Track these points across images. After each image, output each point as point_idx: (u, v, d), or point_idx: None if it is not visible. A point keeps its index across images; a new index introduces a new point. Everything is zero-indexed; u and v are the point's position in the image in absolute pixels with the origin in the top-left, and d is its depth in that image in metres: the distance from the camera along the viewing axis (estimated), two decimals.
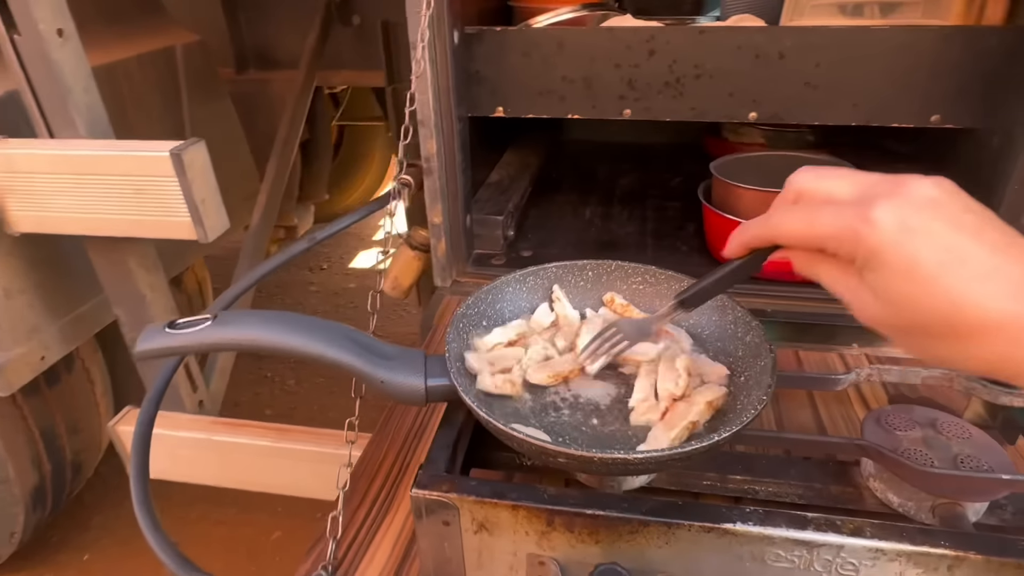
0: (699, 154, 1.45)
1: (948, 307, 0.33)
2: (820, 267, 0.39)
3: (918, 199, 0.34)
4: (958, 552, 0.41)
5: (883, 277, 0.35)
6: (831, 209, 0.37)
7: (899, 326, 0.36)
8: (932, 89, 0.86)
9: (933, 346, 0.35)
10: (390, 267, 1.14)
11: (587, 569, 0.47)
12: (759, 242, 0.42)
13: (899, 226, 0.34)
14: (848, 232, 0.35)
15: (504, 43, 0.94)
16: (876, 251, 0.34)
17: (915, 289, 0.34)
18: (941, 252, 0.33)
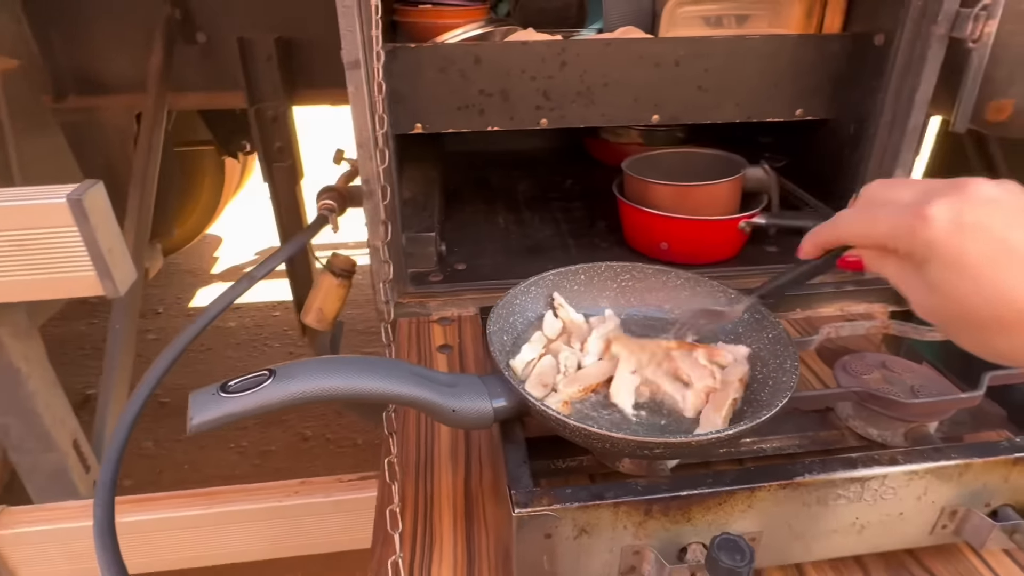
0: (579, 156, 1.55)
1: (996, 299, 0.35)
2: (886, 264, 0.41)
3: (976, 197, 0.36)
4: (965, 460, 0.51)
5: (936, 270, 0.37)
6: (890, 208, 0.40)
7: (952, 319, 0.38)
8: (795, 88, 1.02)
9: (985, 339, 0.37)
10: (310, 298, 1.07)
11: (677, 548, 0.50)
12: (829, 243, 0.45)
13: (953, 222, 0.36)
14: (904, 228, 0.38)
15: (420, 60, 0.93)
16: (930, 245, 0.36)
17: (966, 283, 0.35)
18: (992, 246, 0.35)
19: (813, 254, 0.47)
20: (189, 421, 0.41)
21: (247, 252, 3.38)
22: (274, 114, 1.49)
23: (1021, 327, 0.35)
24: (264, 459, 2.12)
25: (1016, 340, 0.35)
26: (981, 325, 0.36)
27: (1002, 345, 0.36)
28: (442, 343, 0.89)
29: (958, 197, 0.36)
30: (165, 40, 1.42)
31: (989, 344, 0.37)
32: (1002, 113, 0.99)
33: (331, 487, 1.05)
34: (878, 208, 0.41)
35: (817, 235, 0.46)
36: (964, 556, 0.58)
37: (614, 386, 0.59)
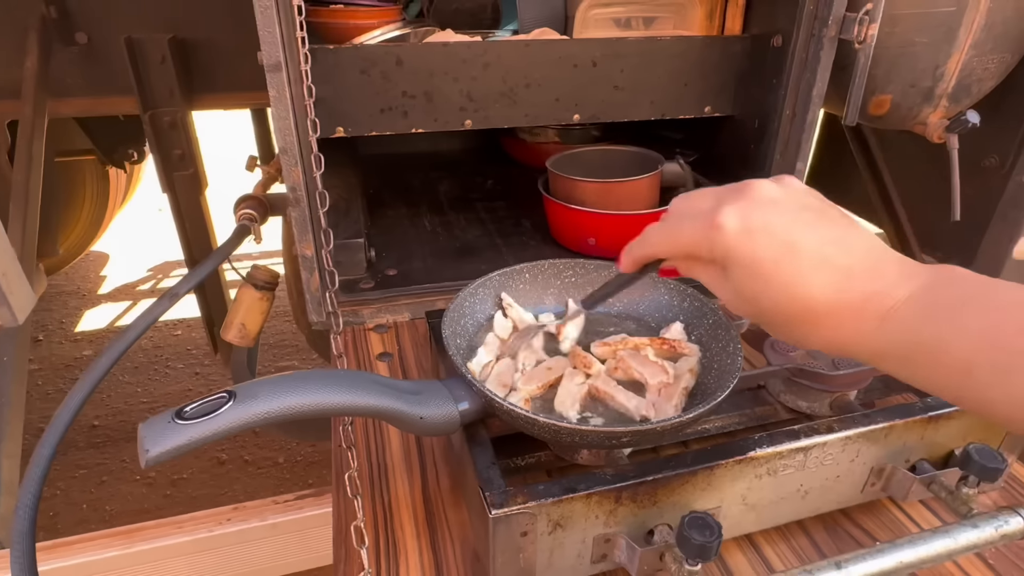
0: (496, 156, 1.56)
1: (784, 298, 0.37)
2: (697, 270, 0.44)
3: (759, 199, 0.39)
4: (889, 423, 0.56)
5: (735, 274, 0.39)
6: (688, 221, 0.42)
7: (756, 316, 0.41)
8: (703, 86, 1.08)
9: (780, 331, 0.40)
10: (231, 313, 1.02)
11: (645, 531, 0.52)
12: (644, 258, 0.47)
13: (741, 227, 0.38)
14: (702, 239, 0.40)
15: (340, 61, 0.91)
16: (726, 252, 0.39)
17: (758, 283, 0.38)
18: (777, 247, 0.37)
19: (632, 268, 0.48)
20: (144, 454, 0.38)
21: (137, 269, 3.14)
22: (172, 120, 1.40)
23: (807, 322, 0.37)
24: (176, 488, 1.99)
25: (816, 332, 0.38)
26: (779, 321, 0.39)
27: (800, 337, 0.39)
28: (381, 351, 0.87)
29: (743, 202, 0.39)
30: (41, 41, 1.29)
31: (796, 336, 0.40)
32: (882, 108, 1.09)
33: (266, 510, 1.00)
34: (681, 221, 0.43)
35: (631, 252, 0.47)
36: (888, 509, 0.64)
37: (559, 397, 0.60)
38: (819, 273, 0.37)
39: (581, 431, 0.49)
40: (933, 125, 1.08)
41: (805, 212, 0.38)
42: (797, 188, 0.40)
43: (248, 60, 1.33)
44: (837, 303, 0.36)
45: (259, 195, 1.00)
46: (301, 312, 1.31)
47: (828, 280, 0.37)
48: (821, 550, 0.60)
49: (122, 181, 2.69)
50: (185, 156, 1.42)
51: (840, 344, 0.38)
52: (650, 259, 0.47)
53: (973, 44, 1.00)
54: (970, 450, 0.55)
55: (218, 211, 1.52)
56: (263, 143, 1.93)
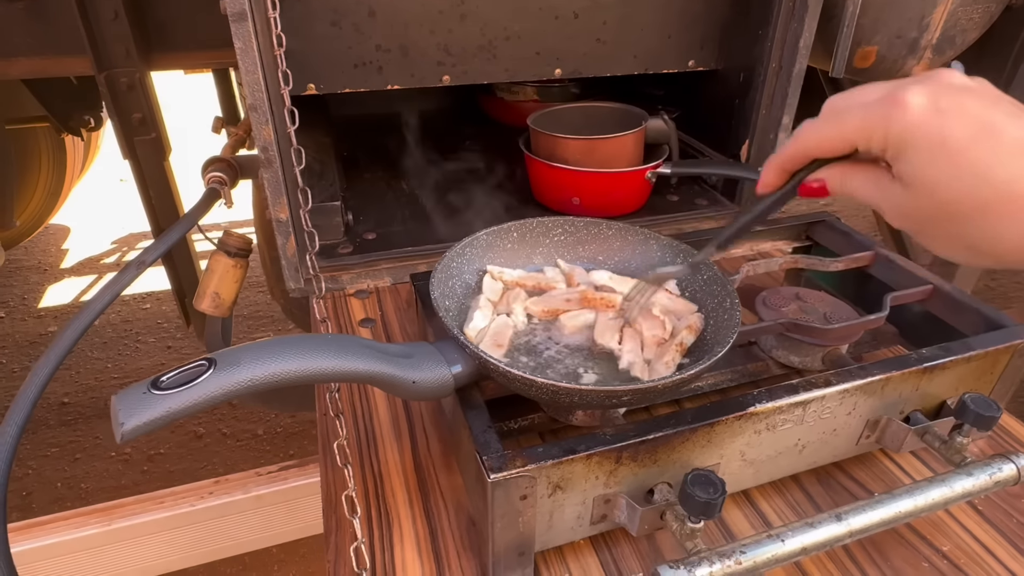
0: (473, 115, 1.51)
1: (979, 181, 0.33)
2: (854, 177, 0.39)
3: (951, 84, 0.35)
4: (886, 375, 0.56)
5: (914, 159, 0.35)
6: (856, 109, 0.37)
7: (931, 213, 0.36)
8: (687, 39, 1.04)
9: (964, 231, 0.35)
10: (204, 282, 0.98)
11: (645, 490, 0.51)
12: (793, 160, 0.42)
13: (930, 106, 0.34)
14: (878, 118, 0.36)
15: (309, 12, 0.86)
16: (907, 131, 0.34)
17: (947, 166, 0.33)
18: (973, 126, 0.33)
19: (776, 182, 0.43)
20: (119, 427, 0.35)
21: (101, 241, 3.04)
22: (129, 81, 1.32)
23: (1003, 212, 0.33)
24: (153, 464, 1.95)
25: (998, 228, 0.34)
26: (963, 214, 0.34)
27: (983, 236, 0.34)
28: (363, 317, 0.84)
29: (933, 85, 0.35)
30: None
31: (966, 236, 0.35)
32: (867, 60, 1.08)
33: (249, 482, 0.98)
34: (845, 110, 0.38)
35: (778, 157, 0.43)
36: (880, 461, 0.65)
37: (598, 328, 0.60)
38: (1022, 159, 0.33)
39: (581, 391, 0.48)
40: None
41: (1003, 102, 0.35)
42: (988, 83, 0.36)
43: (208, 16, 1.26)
44: None
45: (228, 157, 0.95)
46: (276, 280, 1.27)
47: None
48: (816, 503, 0.60)
49: (80, 149, 2.58)
50: (146, 120, 1.35)
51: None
52: (802, 161, 0.41)
53: None
54: (966, 399, 0.55)
55: (183, 181, 1.46)
56: (227, 107, 1.85)
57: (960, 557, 0.55)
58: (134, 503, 0.93)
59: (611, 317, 0.60)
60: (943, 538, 0.57)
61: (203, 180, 0.91)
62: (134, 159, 1.40)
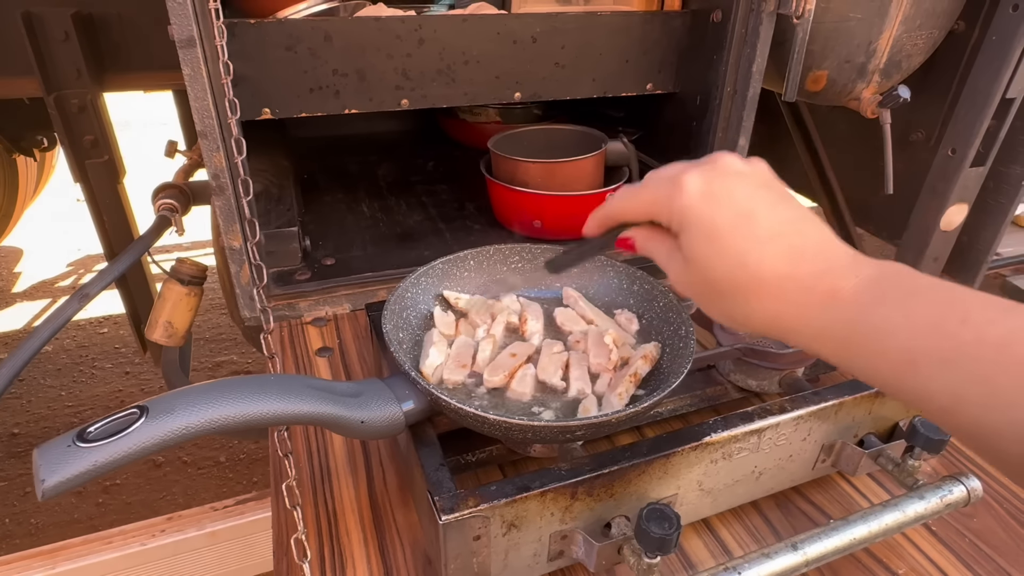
0: (435, 137, 1.51)
1: (735, 264, 0.37)
2: (650, 242, 0.44)
3: (724, 169, 0.39)
4: (839, 400, 0.56)
5: (689, 237, 0.39)
6: (653, 184, 0.42)
7: (700, 286, 0.40)
8: (645, 63, 1.06)
9: (725, 305, 0.40)
10: (156, 311, 0.95)
11: (602, 524, 0.51)
12: (607, 219, 0.46)
13: (703, 191, 0.38)
14: (664, 199, 0.40)
15: (263, 37, 0.85)
16: (683, 212, 0.39)
17: (712, 247, 0.38)
18: (735, 215, 0.38)
19: (595, 232, 0.48)
20: (40, 484, 0.33)
21: (56, 264, 2.94)
22: (80, 103, 1.28)
23: (752, 291, 0.37)
24: (109, 496, 1.88)
25: (761, 305, 0.38)
26: (724, 290, 0.39)
27: (739, 311, 0.39)
28: (320, 346, 0.82)
29: (709, 170, 0.39)
30: None
31: (730, 310, 0.40)
32: (818, 84, 1.10)
33: (204, 518, 0.95)
34: (646, 184, 0.43)
35: (598, 212, 0.47)
36: (837, 484, 0.65)
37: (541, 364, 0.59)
38: (773, 245, 0.37)
39: (534, 427, 0.47)
40: (866, 100, 1.10)
41: (766, 190, 0.39)
42: (762, 169, 0.41)
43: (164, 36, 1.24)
44: (787, 276, 0.37)
45: (180, 183, 0.93)
46: (235, 306, 1.24)
47: (781, 253, 0.37)
48: (775, 528, 0.60)
49: (33, 170, 2.50)
50: (98, 142, 1.31)
51: (782, 321, 0.38)
52: (613, 221, 0.46)
53: (903, 20, 1.02)
54: (916, 423, 0.56)
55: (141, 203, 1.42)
56: (188, 127, 1.82)
57: None
58: (81, 544, 0.89)
59: (554, 351, 0.59)
60: (899, 560, 0.57)
61: (154, 207, 0.88)
62: (86, 182, 1.36)
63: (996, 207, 1.24)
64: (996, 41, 1.05)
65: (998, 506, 0.63)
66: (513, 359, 0.58)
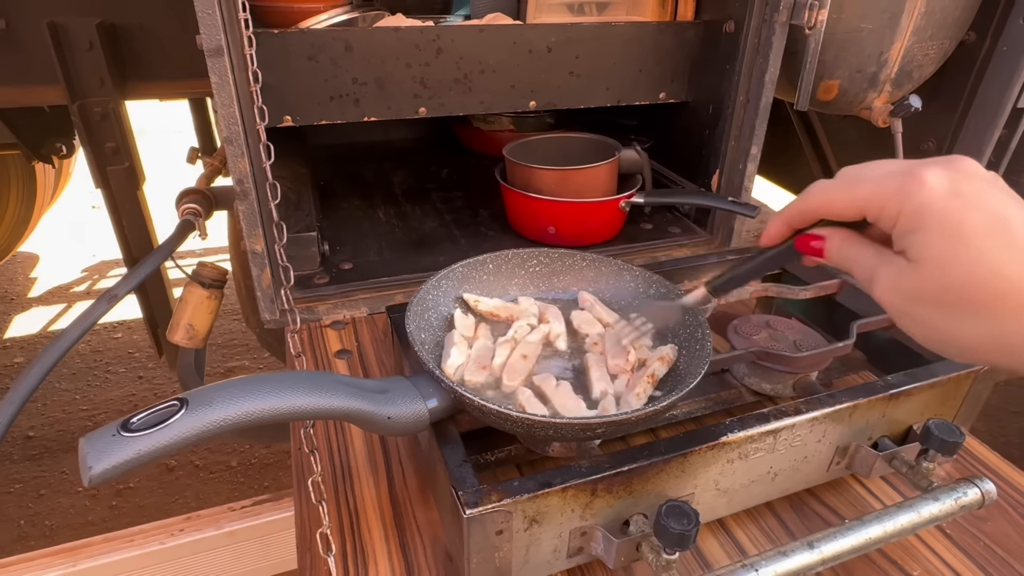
0: (450, 145, 1.53)
1: (987, 272, 0.32)
2: (853, 245, 0.39)
3: (971, 172, 0.35)
4: (853, 402, 0.57)
5: (925, 237, 0.34)
6: (872, 178, 0.37)
7: (928, 294, 0.35)
8: (658, 72, 1.08)
9: (962, 320, 0.34)
10: (177, 313, 0.96)
11: (621, 522, 0.52)
12: (800, 216, 0.41)
13: (950, 189, 0.34)
14: (894, 191, 0.35)
15: (286, 46, 0.87)
16: (923, 209, 0.34)
17: (957, 250, 0.33)
18: (991, 219, 0.33)
19: (780, 236, 0.43)
20: (87, 471, 0.35)
21: (71, 270, 2.98)
22: (103, 111, 1.31)
23: (1004, 307, 0.33)
24: (122, 499, 1.90)
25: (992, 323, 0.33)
26: (960, 300, 0.34)
27: (978, 330, 0.34)
28: (339, 348, 0.84)
29: (953, 170, 0.35)
30: None
31: (961, 329, 0.34)
32: (830, 93, 1.12)
33: (222, 518, 0.96)
34: (859, 178, 0.38)
35: (786, 211, 0.42)
36: (851, 486, 0.66)
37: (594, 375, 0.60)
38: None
39: (555, 424, 0.48)
40: (878, 110, 1.11)
41: (1016, 199, 0.34)
42: (1001, 179, 0.36)
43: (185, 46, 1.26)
44: None
45: (203, 188, 0.95)
46: (251, 310, 1.26)
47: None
48: (790, 530, 0.60)
49: (50, 177, 2.54)
50: (119, 149, 1.34)
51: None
52: (811, 218, 0.41)
53: (914, 30, 1.03)
54: (930, 425, 0.56)
55: (158, 209, 1.45)
56: (203, 135, 1.85)
57: None
58: (102, 542, 0.91)
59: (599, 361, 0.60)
60: (913, 563, 0.58)
61: (177, 211, 0.91)
62: (107, 188, 1.39)
63: None
64: (1007, 52, 1.06)
65: (1012, 510, 0.64)
66: (525, 361, 0.59)
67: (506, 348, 0.60)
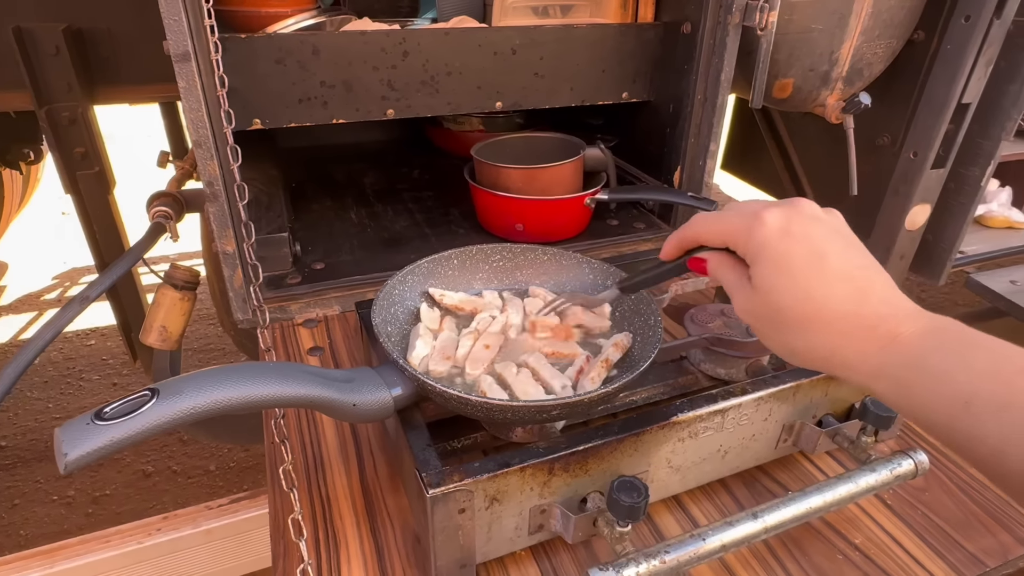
0: (421, 145, 1.55)
1: (803, 297, 0.40)
2: (722, 267, 0.47)
3: (804, 212, 0.43)
4: (796, 382, 0.61)
5: (762, 268, 0.42)
6: (735, 214, 0.45)
7: (764, 315, 0.43)
8: (620, 72, 1.11)
9: (786, 336, 0.42)
10: (151, 316, 0.97)
11: (579, 499, 0.55)
12: (684, 241, 0.49)
13: (782, 228, 0.42)
14: (744, 228, 0.43)
15: (254, 51, 0.89)
16: (761, 244, 0.42)
17: (782, 279, 0.41)
18: (809, 253, 0.41)
19: (673, 255, 0.51)
20: (63, 457, 0.36)
21: (41, 277, 2.94)
22: (71, 115, 1.31)
23: (815, 325, 0.40)
24: (99, 506, 1.89)
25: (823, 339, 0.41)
26: (787, 321, 0.42)
27: (800, 342, 0.42)
28: (312, 345, 0.86)
29: (790, 210, 0.43)
30: None
31: (791, 341, 0.42)
32: (784, 91, 1.16)
33: (199, 516, 0.97)
34: (727, 213, 0.47)
35: (676, 235, 0.50)
36: (800, 463, 0.69)
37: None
38: (841, 285, 0.40)
39: (513, 407, 0.51)
40: (831, 107, 1.16)
41: (839, 236, 0.42)
42: (838, 218, 0.44)
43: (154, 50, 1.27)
44: (852, 315, 0.39)
45: (174, 191, 0.96)
46: (226, 312, 1.26)
47: (848, 294, 0.40)
48: (742, 504, 0.64)
49: (18, 183, 2.51)
50: (88, 154, 1.34)
51: (840, 356, 0.40)
52: (691, 243, 0.49)
53: (863, 30, 1.07)
54: (867, 402, 0.60)
55: (129, 213, 1.45)
56: (175, 138, 1.85)
57: (871, 548, 0.60)
58: (79, 543, 0.91)
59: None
60: (856, 531, 0.62)
61: (148, 215, 0.92)
62: (76, 194, 1.39)
63: (957, 207, 1.30)
64: (951, 50, 1.11)
65: (948, 480, 0.68)
66: (488, 351, 0.62)
67: (469, 339, 0.63)
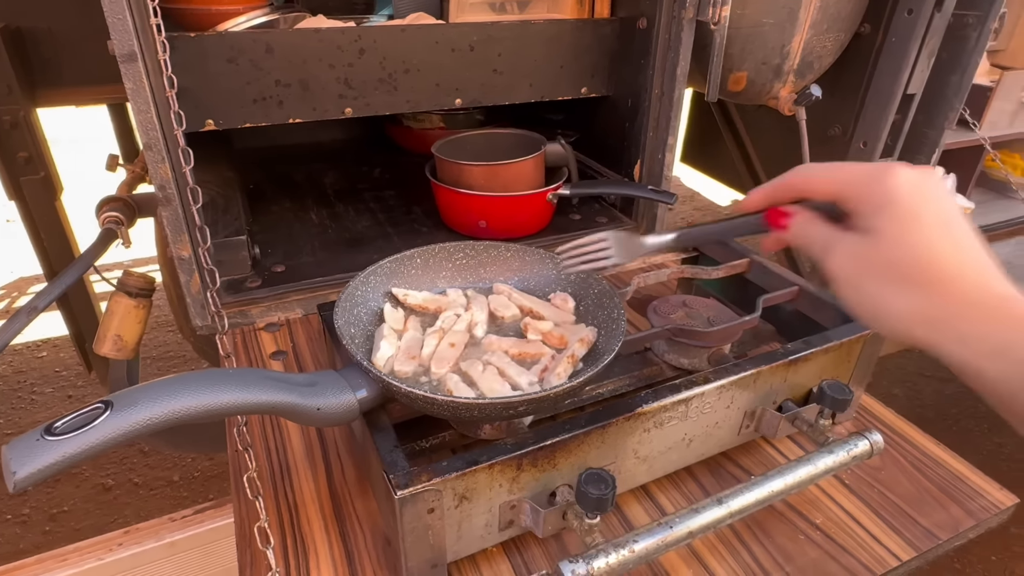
0: (382, 144, 1.54)
1: (928, 255, 0.39)
2: (815, 224, 0.44)
3: (936, 178, 0.41)
4: (756, 369, 0.62)
5: (888, 214, 0.40)
6: (855, 166, 0.43)
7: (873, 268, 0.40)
8: (578, 67, 1.12)
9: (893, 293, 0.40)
10: (104, 325, 0.94)
11: (548, 493, 0.55)
12: (781, 190, 0.46)
13: (915, 185, 0.40)
14: (870, 178, 0.41)
15: (204, 50, 0.86)
16: (891, 193, 0.40)
17: (911, 231, 0.39)
18: (941, 214, 0.40)
19: (757, 205, 0.48)
20: (11, 476, 0.35)
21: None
22: (13, 119, 1.26)
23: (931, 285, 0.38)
24: (56, 523, 1.82)
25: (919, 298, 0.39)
26: (899, 279, 0.39)
27: (901, 303, 0.39)
28: (274, 350, 0.84)
29: (920, 171, 0.41)
30: None
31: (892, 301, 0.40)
32: (739, 84, 1.18)
33: (162, 529, 0.95)
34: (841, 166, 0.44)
35: (769, 185, 0.47)
36: (762, 448, 0.71)
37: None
38: (972, 254, 0.39)
39: (480, 404, 0.51)
40: (784, 99, 1.18)
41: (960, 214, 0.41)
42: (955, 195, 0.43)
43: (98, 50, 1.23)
44: (983, 286, 0.38)
45: (124, 196, 0.93)
46: (184, 319, 1.23)
47: (975, 264, 0.39)
48: (707, 491, 0.65)
49: None
50: (32, 158, 1.29)
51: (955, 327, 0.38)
52: (791, 193, 0.46)
53: (812, 24, 1.10)
54: (823, 386, 0.62)
55: (78, 220, 1.40)
56: (125, 141, 1.79)
57: (831, 527, 0.62)
58: (35, 563, 0.88)
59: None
60: (816, 512, 0.63)
61: (98, 221, 0.89)
62: (21, 200, 1.34)
63: None
64: (895, 42, 1.15)
65: (903, 459, 0.70)
66: (453, 349, 0.62)
67: (434, 338, 0.63)
